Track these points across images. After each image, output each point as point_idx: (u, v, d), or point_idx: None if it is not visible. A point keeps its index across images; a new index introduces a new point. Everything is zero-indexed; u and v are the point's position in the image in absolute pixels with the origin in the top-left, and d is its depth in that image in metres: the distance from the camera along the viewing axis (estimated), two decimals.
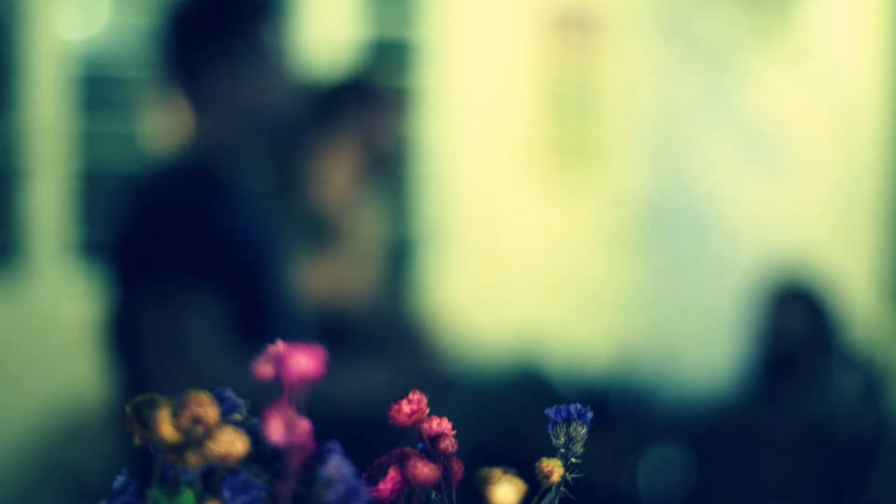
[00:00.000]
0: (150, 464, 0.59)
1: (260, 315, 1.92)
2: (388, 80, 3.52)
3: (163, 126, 2.22)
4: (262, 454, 0.61)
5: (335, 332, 2.36)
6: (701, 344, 4.20)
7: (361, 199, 2.59)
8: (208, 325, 1.85)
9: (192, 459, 0.57)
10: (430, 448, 0.66)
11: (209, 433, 0.57)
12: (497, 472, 0.62)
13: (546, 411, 0.69)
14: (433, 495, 0.66)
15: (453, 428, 0.67)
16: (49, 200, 3.77)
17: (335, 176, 2.53)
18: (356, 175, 2.56)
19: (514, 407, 3.37)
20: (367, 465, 0.65)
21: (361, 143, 2.55)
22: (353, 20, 4.01)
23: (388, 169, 2.72)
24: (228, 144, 2.01)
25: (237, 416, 0.62)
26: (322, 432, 0.61)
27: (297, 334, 1.93)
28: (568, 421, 0.69)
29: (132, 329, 1.88)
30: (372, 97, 2.65)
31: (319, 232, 2.49)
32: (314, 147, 2.52)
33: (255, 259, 1.95)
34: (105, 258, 2.02)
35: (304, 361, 0.58)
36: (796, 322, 3.23)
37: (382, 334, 2.53)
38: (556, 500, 0.67)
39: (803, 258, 3.98)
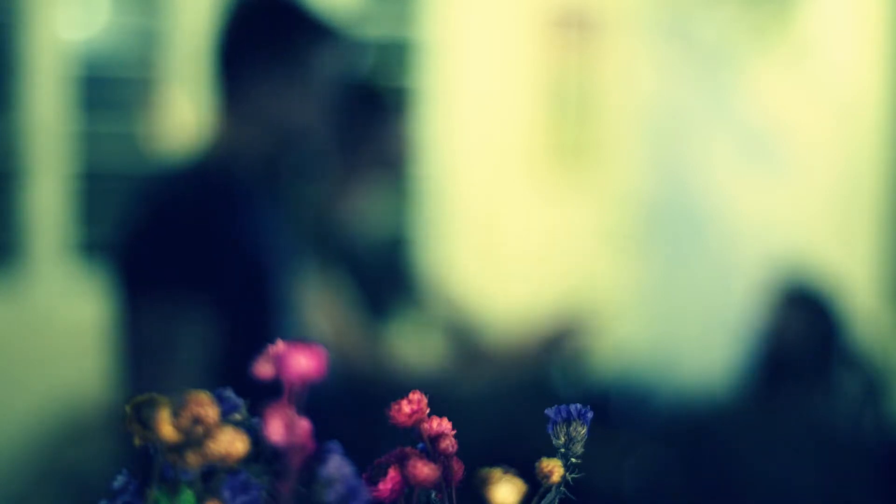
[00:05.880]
0: (150, 464, 0.59)
1: (266, 324, 1.91)
2: (389, 80, 3.52)
3: (170, 128, 2.21)
4: (262, 454, 0.61)
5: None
6: (701, 344, 4.20)
7: (370, 202, 2.58)
8: (210, 333, 1.84)
9: (192, 459, 0.57)
10: (430, 448, 0.66)
11: (209, 433, 0.57)
12: (497, 472, 0.62)
13: (546, 411, 0.69)
14: (433, 495, 0.66)
15: (453, 428, 0.67)
16: (49, 200, 3.77)
17: (349, 182, 2.51)
18: (368, 180, 2.55)
19: (514, 407, 3.37)
20: (368, 464, 0.65)
21: (371, 146, 2.54)
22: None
23: (397, 171, 2.71)
24: (253, 154, 1.99)
25: (237, 416, 0.62)
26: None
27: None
28: (568, 421, 0.69)
29: (137, 333, 1.87)
30: (379, 99, 2.64)
31: (330, 239, 2.47)
32: (331, 156, 2.50)
33: (265, 269, 1.93)
34: (111, 259, 2.01)
35: (304, 361, 0.58)
36: (796, 322, 3.23)
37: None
38: (556, 500, 0.67)
39: (803, 258, 3.98)
